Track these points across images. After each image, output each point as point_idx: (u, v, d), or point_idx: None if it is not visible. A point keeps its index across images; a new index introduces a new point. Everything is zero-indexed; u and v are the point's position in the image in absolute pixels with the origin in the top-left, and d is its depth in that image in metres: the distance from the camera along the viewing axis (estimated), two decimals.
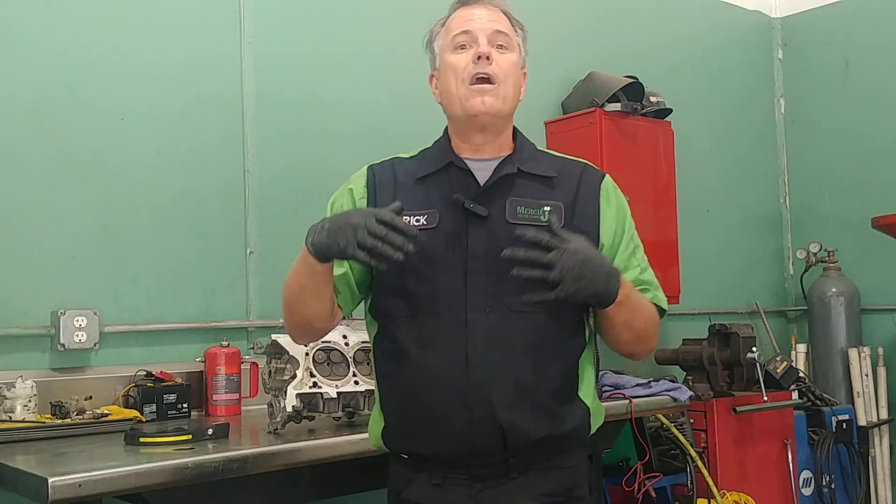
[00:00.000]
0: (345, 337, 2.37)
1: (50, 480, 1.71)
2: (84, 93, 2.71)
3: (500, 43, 1.69)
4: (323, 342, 2.32)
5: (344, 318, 1.79)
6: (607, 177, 1.77)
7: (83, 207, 2.69)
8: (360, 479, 2.33)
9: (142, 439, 2.11)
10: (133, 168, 2.78)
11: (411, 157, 1.79)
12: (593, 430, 1.73)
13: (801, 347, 4.49)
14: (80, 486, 1.74)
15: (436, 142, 1.79)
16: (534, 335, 1.62)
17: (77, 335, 2.57)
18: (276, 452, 2.09)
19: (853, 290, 4.36)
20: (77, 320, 2.57)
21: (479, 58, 1.65)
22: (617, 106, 3.60)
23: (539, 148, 1.79)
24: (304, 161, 3.12)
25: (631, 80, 3.63)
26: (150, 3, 2.86)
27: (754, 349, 3.56)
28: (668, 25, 4.39)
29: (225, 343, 2.75)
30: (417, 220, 1.65)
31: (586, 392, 1.70)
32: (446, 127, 1.77)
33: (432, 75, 1.77)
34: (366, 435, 2.21)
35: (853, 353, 4.25)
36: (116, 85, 2.76)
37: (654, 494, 3.21)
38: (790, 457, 3.68)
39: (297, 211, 3.09)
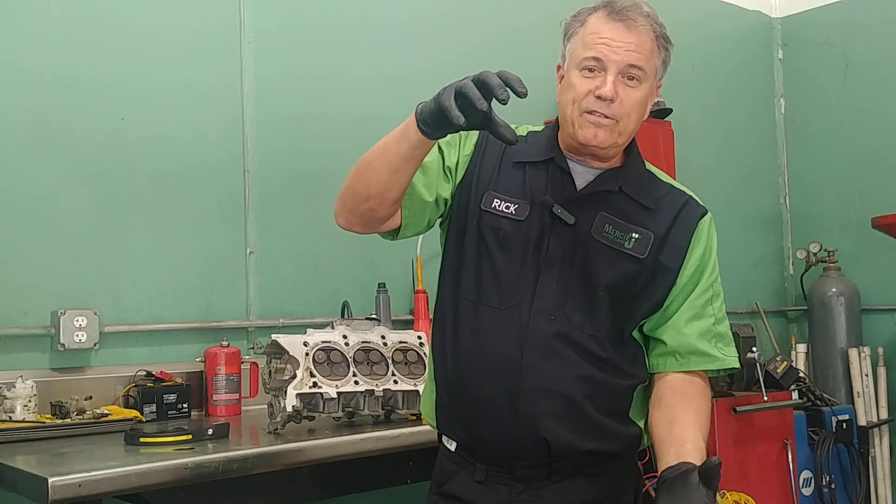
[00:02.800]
0: (345, 337, 2.37)
1: (50, 480, 1.71)
2: (84, 93, 2.71)
3: (630, 75, 1.58)
4: (323, 342, 2.32)
5: (395, 238, 1.69)
6: (707, 215, 1.69)
7: (83, 207, 2.69)
8: (360, 479, 2.34)
9: (142, 439, 2.11)
10: (133, 167, 2.78)
11: (519, 136, 1.68)
12: (643, 446, 1.69)
13: (801, 347, 4.48)
14: (80, 486, 1.74)
15: (546, 127, 1.72)
16: (593, 354, 1.59)
17: (77, 335, 2.57)
18: (276, 452, 2.09)
19: (853, 290, 4.36)
20: (77, 320, 2.57)
21: (598, 97, 1.56)
22: None
23: (649, 168, 1.73)
24: (304, 161, 3.12)
25: None
26: (150, 3, 2.86)
27: (754, 349, 3.56)
28: (668, 25, 4.36)
29: (225, 343, 2.75)
30: (507, 208, 1.62)
31: (640, 415, 1.67)
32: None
33: (559, 66, 1.68)
34: (365, 435, 2.23)
35: (853, 353, 4.25)
36: (116, 83, 2.76)
37: (654, 494, 3.20)
38: (790, 457, 3.67)
39: (297, 211, 3.10)
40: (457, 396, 1.64)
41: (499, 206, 1.63)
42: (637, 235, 1.61)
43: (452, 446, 1.69)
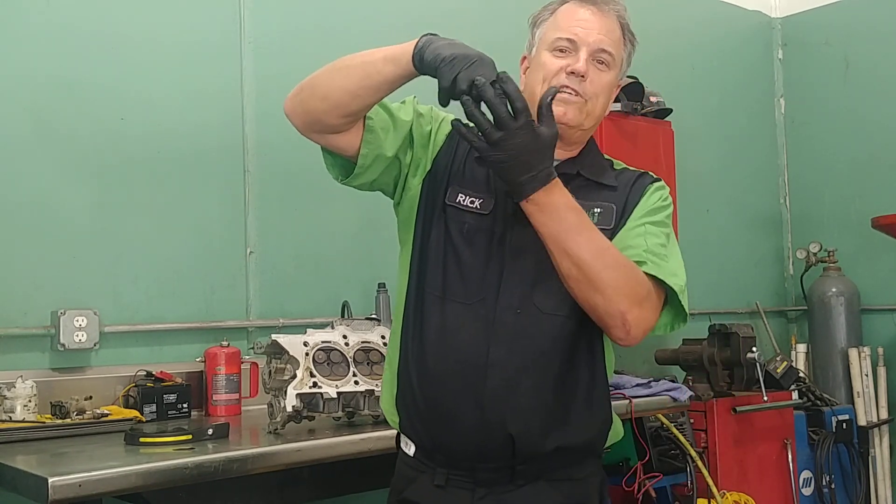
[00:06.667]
0: (345, 337, 2.37)
1: (50, 480, 1.71)
2: (84, 92, 2.71)
3: (601, 59, 1.61)
4: (323, 342, 2.32)
5: (345, 179, 1.67)
6: (659, 182, 1.71)
7: (83, 207, 2.69)
8: (360, 479, 2.34)
9: (142, 439, 2.11)
10: (133, 167, 2.78)
11: None
12: (609, 443, 1.68)
13: (801, 347, 4.49)
14: (80, 486, 1.74)
15: None
16: (560, 343, 1.57)
17: (77, 335, 2.57)
18: (276, 452, 2.09)
19: (853, 290, 4.36)
20: (77, 320, 2.57)
21: (571, 72, 1.59)
22: (617, 106, 3.60)
23: (606, 157, 1.74)
24: (304, 160, 3.11)
25: (631, 80, 3.63)
26: (150, 4, 2.86)
27: (754, 349, 3.56)
28: (668, 25, 4.39)
29: (225, 343, 2.75)
30: (472, 203, 1.62)
31: (602, 404, 1.66)
32: None
33: (524, 58, 1.70)
34: (366, 435, 2.23)
35: (853, 353, 4.25)
36: (116, 84, 2.76)
37: (654, 494, 3.21)
38: (790, 457, 3.68)
39: (297, 211, 3.10)
40: (419, 395, 1.61)
41: (463, 200, 1.62)
42: (599, 210, 1.62)
43: (411, 450, 1.66)
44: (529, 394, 1.55)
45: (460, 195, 1.63)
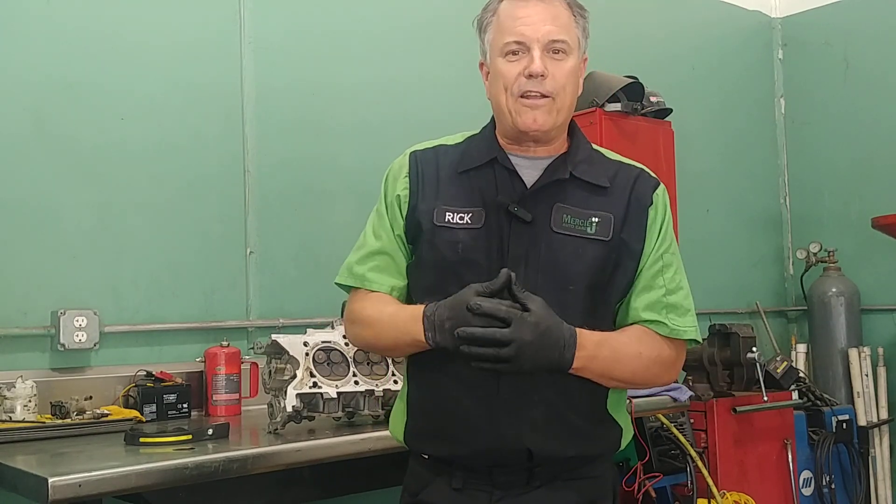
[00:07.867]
0: (345, 337, 2.36)
1: (50, 480, 1.71)
2: (84, 94, 2.71)
3: (556, 49, 1.56)
4: (323, 342, 2.32)
5: None
6: (660, 188, 1.67)
7: (83, 207, 2.69)
8: (360, 479, 2.34)
9: (142, 439, 2.11)
10: (133, 168, 2.78)
11: (456, 145, 1.68)
12: (623, 446, 1.67)
13: (801, 347, 4.49)
14: (80, 486, 1.74)
15: (483, 128, 1.69)
16: None
17: (77, 335, 2.57)
18: (276, 452, 2.09)
19: (853, 290, 4.36)
20: (77, 320, 2.57)
21: (530, 75, 1.54)
22: (617, 106, 3.59)
23: (595, 147, 1.69)
24: (304, 161, 3.12)
25: (631, 80, 3.63)
26: (150, 5, 2.86)
27: (754, 349, 3.56)
28: (668, 25, 4.39)
29: (225, 343, 2.75)
30: (461, 219, 1.58)
31: (618, 409, 1.65)
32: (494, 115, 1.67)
33: (482, 63, 1.66)
34: (366, 435, 2.23)
35: (853, 353, 4.25)
36: (116, 84, 2.76)
37: (654, 494, 3.21)
38: (790, 457, 3.67)
39: (297, 211, 3.10)
40: (432, 413, 1.60)
41: (452, 218, 1.59)
42: (597, 219, 1.58)
43: (426, 454, 1.65)
44: (541, 406, 1.54)
45: (448, 214, 1.59)
